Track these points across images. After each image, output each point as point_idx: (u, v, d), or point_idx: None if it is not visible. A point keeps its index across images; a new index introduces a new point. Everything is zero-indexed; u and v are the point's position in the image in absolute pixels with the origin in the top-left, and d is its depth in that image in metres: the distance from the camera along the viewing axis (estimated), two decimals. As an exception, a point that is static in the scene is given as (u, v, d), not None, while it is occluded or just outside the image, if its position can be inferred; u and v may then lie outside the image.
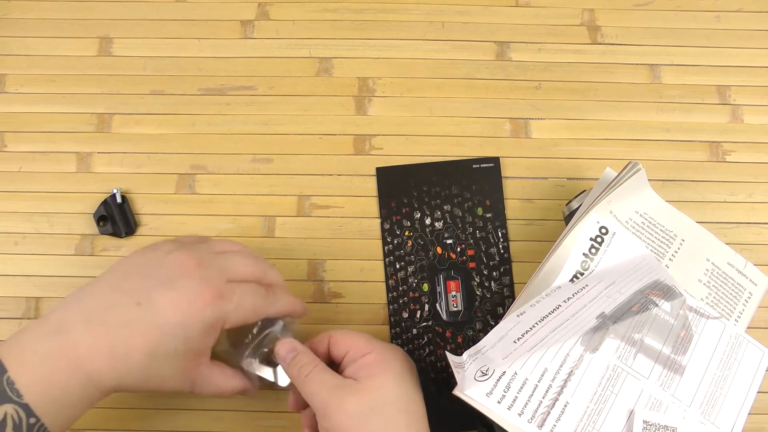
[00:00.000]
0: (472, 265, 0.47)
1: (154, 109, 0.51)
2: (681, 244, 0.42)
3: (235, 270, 0.36)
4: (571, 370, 0.35)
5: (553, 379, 0.34)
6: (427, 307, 0.47)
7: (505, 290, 0.47)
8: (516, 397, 0.34)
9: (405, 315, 0.47)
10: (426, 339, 0.46)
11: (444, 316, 0.46)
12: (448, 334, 0.46)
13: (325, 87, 0.52)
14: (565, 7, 0.54)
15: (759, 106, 0.52)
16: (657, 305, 0.37)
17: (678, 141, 0.51)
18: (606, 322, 0.36)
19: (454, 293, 0.47)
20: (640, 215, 0.42)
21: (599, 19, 0.54)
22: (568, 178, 0.50)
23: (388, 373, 0.35)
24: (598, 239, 0.39)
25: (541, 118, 0.51)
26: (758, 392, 0.38)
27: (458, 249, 0.48)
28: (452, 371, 0.35)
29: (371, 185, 0.50)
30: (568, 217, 0.46)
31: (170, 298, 0.32)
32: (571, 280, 0.38)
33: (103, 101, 0.51)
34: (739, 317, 0.41)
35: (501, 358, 0.35)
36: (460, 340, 0.46)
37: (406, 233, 0.48)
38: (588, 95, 0.52)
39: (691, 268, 0.42)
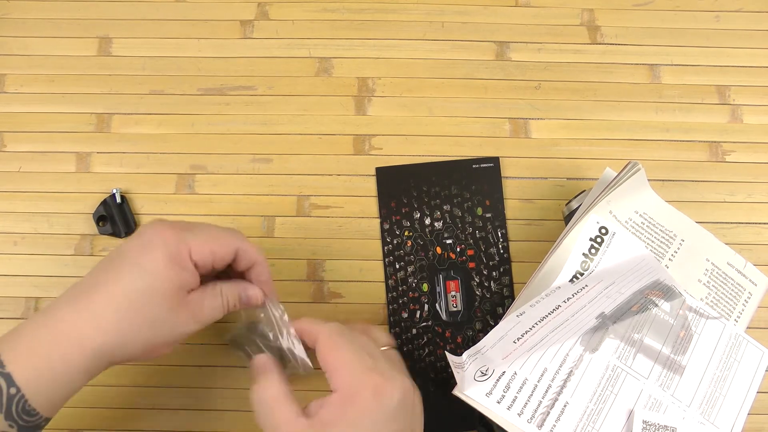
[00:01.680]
0: (471, 265, 0.47)
1: (153, 109, 0.51)
2: (681, 244, 0.42)
3: (201, 249, 0.35)
4: (571, 370, 0.35)
5: (553, 379, 0.34)
6: (426, 307, 0.47)
7: (504, 290, 0.47)
8: (515, 397, 0.34)
9: (405, 315, 0.47)
10: (425, 339, 0.46)
11: (444, 316, 0.46)
12: (447, 334, 0.46)
13: (324, 87, 0.52)
14: (564, 7, 0.54)
15: (758, 106, 0.52)
16: (657, 305, 0.37)
17: (677, 141, 0.51)
18: (606, 322, 0.36)
19: (453, 293, 0.47)
20: (640, 215, 0.42)
21: (599, 19, 0.54)
22: (567, 178, 0.50)
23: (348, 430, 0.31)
24: (598, 239, 0.39)
25: (541, 118, 0.51)
26: (758, 392, 0.38)
27: (458, 249, 0.48)
28: (452, 371, 0.35)
29: (371, 185, 0.50)
30: (568, 217, 0.46)
31: (134, 246, 0.33)
32: (571, 281, 0.39)
33: (102, 101, 0.51)
34: (738, 317, 0.41)
35: (501, 358, 0.35)
36: (459, 340, 0.46)
37: (406, 233, 0.48)
38: (587, 95, 0.52)
39: (691, 268, 0.42)
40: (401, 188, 0.49)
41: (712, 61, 0.53)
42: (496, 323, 0.38)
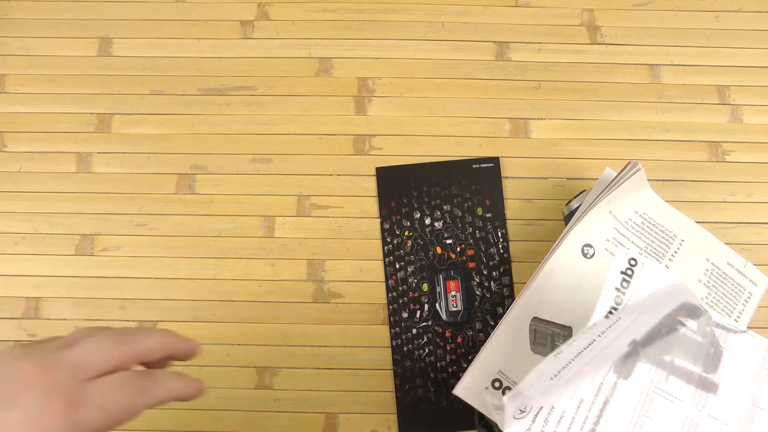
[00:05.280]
0: (471, 265, 0.47)
1: (153, 109, 0.51)
2: (681, 244, 0.42)
3: (90, 361, 0.28)
4: (606, 399, 0.35)
5: (590, 410, 0.34)
6: (426, 306, 0.47)
7: (504, 290, 0.47)
8: (555, 431, 0.34)
9: (405, 315, 0.47)
10: (426, 339, 0.46)
11: (444, 316, 0.46)
12: (447, 333, 0.46)
13: (324, 87, 0.52)
14: (564, 7, 0.54)
15: (758, 106, 0.52)
16: (684, 324, 0.37)
17: (678, 141, 0.51)
18: (637, 347, 0.36)
19: (453, 293, 0.47)
20: (640, 215, 0.42)
21: (599, 19, 0.54)
22: (567, 178, 0.50)
23: None
24: (629, 272, 0.39)
25: (541, 118, 0.51)
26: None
27: (458, 249, 0.48)
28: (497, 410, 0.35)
29: (371, 185, 0.50)
30: (568, 217, 0.46)
31: (12, 421, 0.25)
32: (606, 316, 0.38)
33: (102, 101, 0.51)
34: (738, 317, 0.41)
35: (539, 394, 0.35)
36: (459, 339, 0.46)
37: (406, 233, 0.48)
38: (588, 95, 0.52)
39: (691, 268, 0.42)
40: (401, 188, 0.49)
41: (712, 61, 0.53)
42: (496, 323, 0.38)
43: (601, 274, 0.40)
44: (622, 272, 0.38)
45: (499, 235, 0.48)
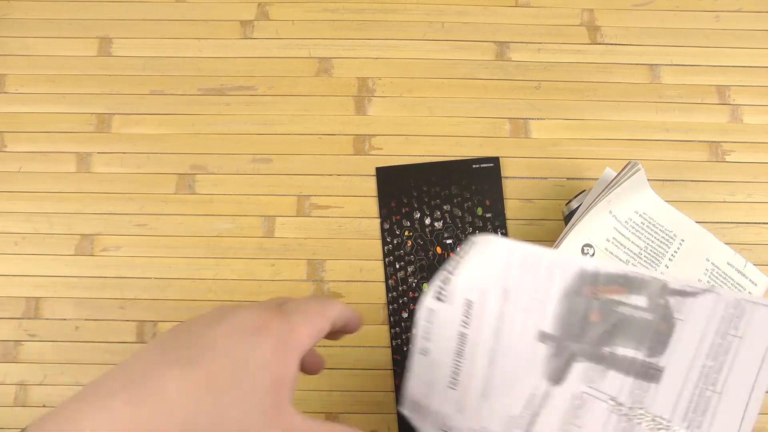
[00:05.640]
0: (471, 265, 0.47)
1: (153, 109, 0.51)
2: (681, 244, 0.42)
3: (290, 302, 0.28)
4: (536, 412, 0.29)
5: (519, 428, 0.29)
6: (426, 307, 0.47)
7: (504, 290, 0.47)
8: None
9: (405, 315, 0.47)
10: (426, 339, 0.46)
11: (444, 316, 0.46)
12: (447, 334, 0.46)
13: (324, 87, 0.52)
14: (564, 7, 0.54)
15: (758, 106, 0.52)
16: (624, 303, 0.30)
17: (678, 141, 0.51)
18: (560, 343, 0.30)
19: (453, 293, 0.47)
20: (640, 215, 0.42)
21: (599, 19, 0.54)
22: (567, 178, 0.50)
23: None
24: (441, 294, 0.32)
25: (541, 118, 0.51)
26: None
27: (458, 249, 0.48)
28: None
29: (371, 185, 0.50)
30: (568, 217, 0.46)
31: (217, 335, 0.23)
32: (438, 299, 0.31)
33: (102, 101, 0.51)
34: (738, 317, 0.41)
35: (455, 412, 0.30)
36: (459, 340, 0.46)
37: (406, 233, 0.48)
38: (588, 95, 0.52)
39: (691, 268, 0.42)
40: (401, 188, 0.49)
41: (712, 61, 0.53)
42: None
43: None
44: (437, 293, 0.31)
45: (499, 234, 0.48)
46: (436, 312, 0.30)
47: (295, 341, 0.25)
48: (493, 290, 0.30)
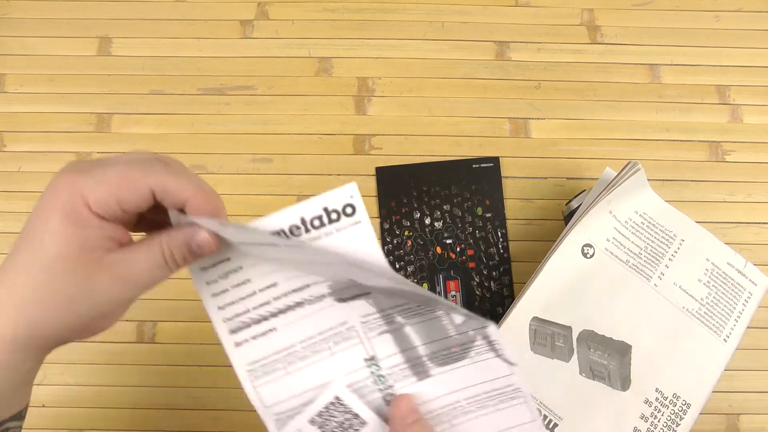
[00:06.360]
0: (471, 264, 0.47)
1: (153, 108, 0.51)
2: (681, 244, 0.42)
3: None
4: (302, 301, 0.29)
5: (277, 299, 0.29)
6: (426, 306, 0.47)
7: (504, 290, 0.47)
8: (227, 290, 0.30)
9: (404, 315, 0.47)
10: (425, 339, 0.46)
11: (443, 316, 0.46)
12: (447, 333, 0.46)
13: (324, 87, 0.52)
14: (564, 6, 0.54)
15: (758, 105, 0.52)
16: (446, 313, 0.30)
17: (678, 141, 0.51)
18: (372, 290, 0.30)
19: (453, 293, 0.47)
20: (640, 215, 0.42)
21: (599, 18, 0.54)
22: (567, 178, 0.50)
23: None
24: (345, 210, 0.33)
25: (541, 118, 0.51)
26: (757, 391, 0.37)
27: (458, 249, 0.48)
28: None
29: (371, 185, 0.50)
30: (568, 217, 0.46)
31: (36, 206, 0.26)
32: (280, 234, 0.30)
33: (102, 101, 0.51)
34: (739, 317, 0.41)
35: (243, 257, 0.30)
36: (459, 339, 0.46)
37: (406, 233, 0.48)
38: (587, 95, 0.52)
39: (691, 268, 0.42)
40: (401, 188, 0.49)
41: (712, 61, 0.53)
42: (497, 323, 0.38)
43: (601, 274, 0.41)
44: (332, 210, 0.31)
45: (499, 234, 0.48)
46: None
47: (79, 206, 0.25)
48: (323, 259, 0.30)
